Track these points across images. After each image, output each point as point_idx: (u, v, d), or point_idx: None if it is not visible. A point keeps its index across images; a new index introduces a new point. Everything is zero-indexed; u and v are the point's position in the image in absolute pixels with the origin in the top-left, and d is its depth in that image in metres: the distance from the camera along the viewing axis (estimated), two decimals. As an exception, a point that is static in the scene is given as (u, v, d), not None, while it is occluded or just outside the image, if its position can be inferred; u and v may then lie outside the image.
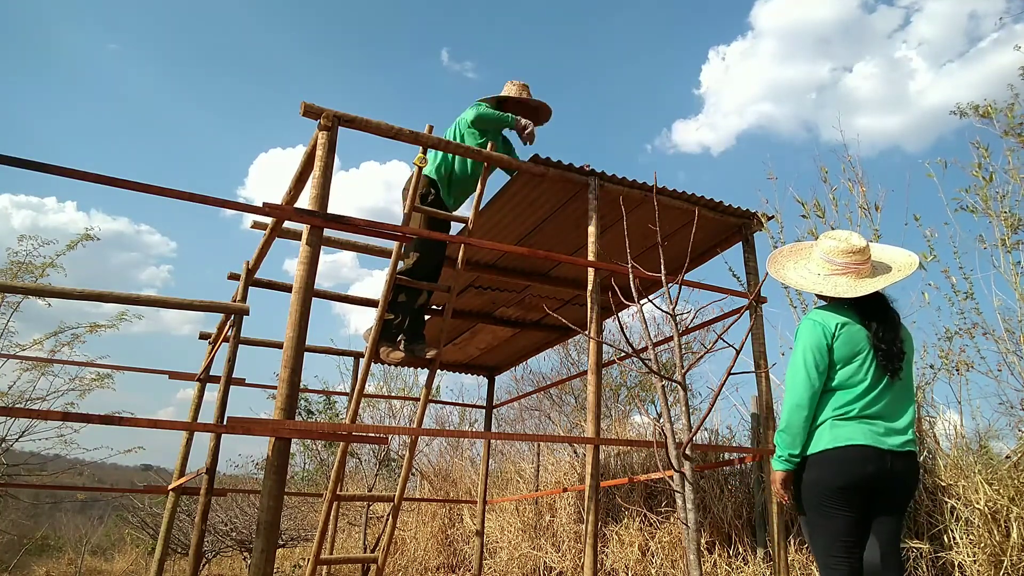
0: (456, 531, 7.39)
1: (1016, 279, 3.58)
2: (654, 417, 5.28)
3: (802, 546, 3.98)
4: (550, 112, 4.04)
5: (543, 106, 4.00)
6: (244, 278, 4.38)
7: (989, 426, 3.84)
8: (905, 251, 2.56)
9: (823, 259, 2.46)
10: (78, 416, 4.13)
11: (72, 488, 10.27)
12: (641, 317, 2.48)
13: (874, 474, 2.18)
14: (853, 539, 2.20)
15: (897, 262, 2.49)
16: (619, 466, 6.08)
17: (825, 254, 2.45)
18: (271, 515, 2.33)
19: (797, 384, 2.29)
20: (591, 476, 2.99)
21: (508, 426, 10.08)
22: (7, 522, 13.03)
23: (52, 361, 7.91)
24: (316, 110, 2.79)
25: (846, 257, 2.41)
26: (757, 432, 4.25)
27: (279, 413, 2.40)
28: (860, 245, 2.42)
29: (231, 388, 4.19)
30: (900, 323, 2.41)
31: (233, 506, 9.02)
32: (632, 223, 3.65)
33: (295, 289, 2.55)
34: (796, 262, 2.60)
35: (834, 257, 2.43)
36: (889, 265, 2.47)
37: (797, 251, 2.66)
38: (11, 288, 4.83)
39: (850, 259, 2.40)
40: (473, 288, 4.84)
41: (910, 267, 2.45)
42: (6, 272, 8.24)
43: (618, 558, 5.08)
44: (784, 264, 2.61)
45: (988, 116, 3.95)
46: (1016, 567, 3.11)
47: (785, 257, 2.64)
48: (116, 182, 2.42)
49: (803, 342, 2.33)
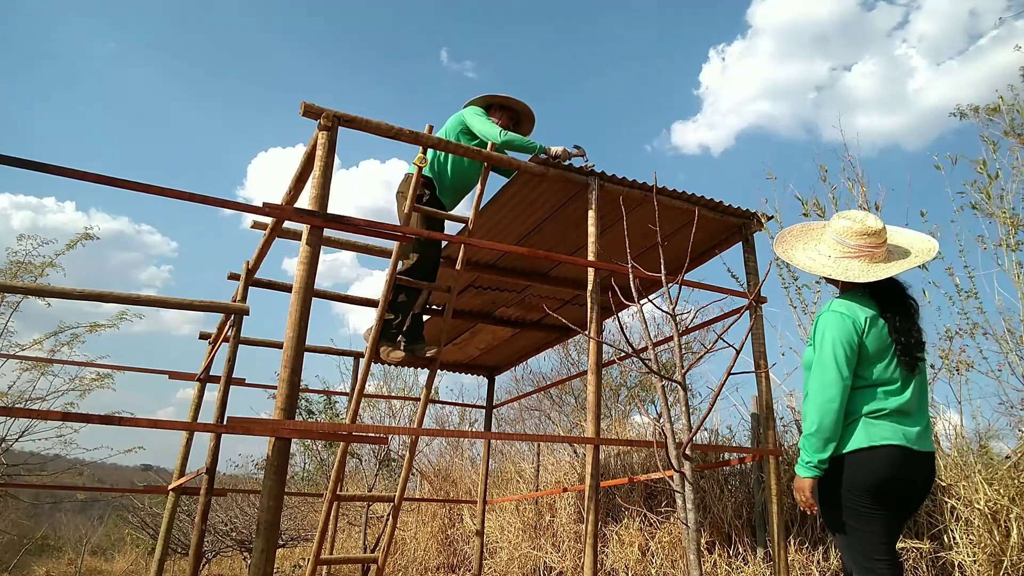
0: (456, 531, 7.39)
1: (1019, 278, 3.58)
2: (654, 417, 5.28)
3: (802, 546, 3.98)
4: (534, 118, 4.03)
5: (527, 110, 3.98)
6: (244, 278, 4.38)
7: (989, 426, 3.84)
8: (924, 235, 2.39)
9: (835, 240, 2.29)
10: (78, 416, 4.13)
11: (72, 488, 10.27)
12: (641, 317, 2.47)
13: (905, 476, 2.10)
14: (893, 539, 2.11)
15: (915, 247, 2.32)
16: (619, 466, 6.08)
17: (838, 235, 2.29)
18: (271, 515, 2.32)
19: (828, 381, 2.11)
20: (591, 476, 2.98)
21: (508, 426, 10.08)
22: (7, 522, 13.04)
23: (52, 361, 7.92)
24: (316, 110, 2.78)
25: (860, 239, 2.24)
26: (757, 432, 4.25)
27: (279, 413, 2.40)
28: (876, 227, 2.25)
29: (231, 388, 4.19)
30: (917, 311, 2.27)
31: (233, 506, 9.02)
32: (632, 223, 3.64)
33: (295, 289, 2.55)
34: (806, 243, 2.44)
35: (847, 239, 2.26)
36: (907, 249, 2.30)
37: (807, 231, 2.50)
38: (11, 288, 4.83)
39: (865, 241, 2.24)
40: (473, 288, 4.84)
41: (928, 252, 2.29)
42: (6, 272, 8.24)
43: (618, 558, 5.08)
44: (793, 245, 2.46)
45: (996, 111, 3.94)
46: (1016, 567, 3.11)
47: (795, 238, 2.48)
48: (116, 182, 2.42)
49: (832, 336, 2.14)
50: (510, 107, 3.97)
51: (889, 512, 2.11)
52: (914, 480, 2.13)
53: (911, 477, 2.12)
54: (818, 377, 2.15)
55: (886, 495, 2.09)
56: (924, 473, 2.16)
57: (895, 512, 2.13)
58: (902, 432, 2.11)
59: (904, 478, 2.10)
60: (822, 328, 2.21)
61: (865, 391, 2.16)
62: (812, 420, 2.13)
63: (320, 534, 3.44)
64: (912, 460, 2.10)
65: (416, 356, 3.68)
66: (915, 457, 2.11)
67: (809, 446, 2.14)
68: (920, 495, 2.19)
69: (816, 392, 2.14)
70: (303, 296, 2.53)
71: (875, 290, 2.24)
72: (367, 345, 3.52)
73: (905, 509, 2.18)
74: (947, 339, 3.80)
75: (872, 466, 2.09)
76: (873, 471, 2.09)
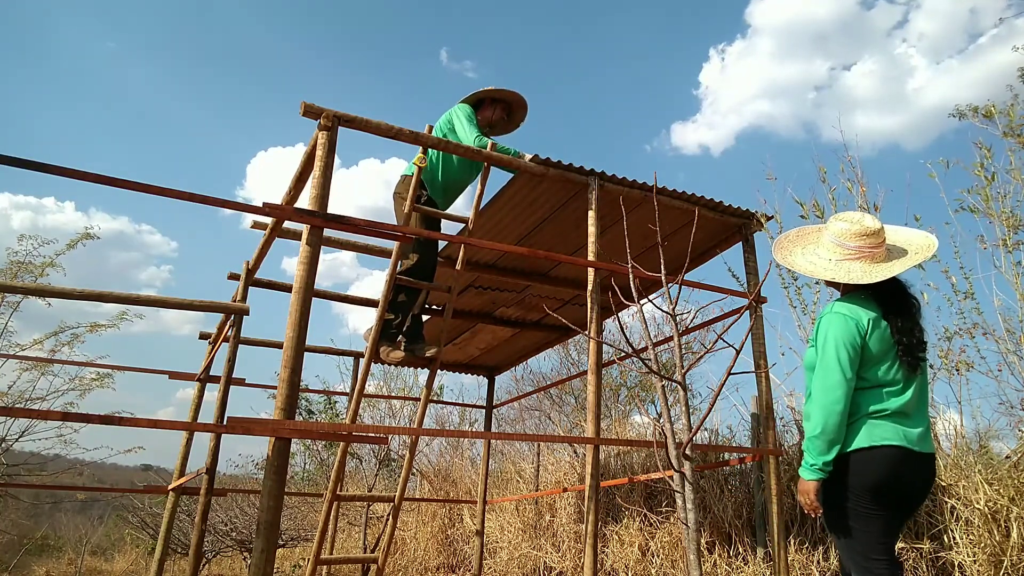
0: (456, 531, 7.39)
1: (1017, 279, 3.58)
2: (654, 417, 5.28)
3: (802, 546, 3.98)
4: (526, 106, 4.06)
5: (519, 99, 4.01)
6: (244, 278, 4.38)
7: (989, 426, 3.85)
8: (922, 232, 2.39)
9: (834, 243, 2.29)
10: (78, 416, 4.13)
11: (72, 488, 10.26)
12: (641, 317, 2.47)
13: (905, 476, 2.09)
14: (892, 540, 2.11)
15: (914, 244, 2.31)
16: (619, 466, 6.08)
17: (836, 238, 2.29)
18: (271, 515, 2.32)
19: (832, 383, 2.10)
20: (591, 476, 2.98)
21: (508, 426, 10.08)
22: (7, 522, 13.04)
23: (52, 361, 7.91)
24: (316, 110, 2.78)
25: (860, 240, 2.24)
26: (757, 432, 4.25)
27: (279, 413, 2.40)
28: (874, 227, 2.25)
29: (231, 388, 4.19)
30: (919, 310, 2.26)
31: (233, 506, 9.02)
32: (632, 223, 3.64)
33: (295, 289, 2.55)
34: (804, 247, 2.43)
35: (846, 241, 2.26)
36: (905, 248, 2.30)
37: (804, 235, 2.49)
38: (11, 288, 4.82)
39: (864, 242, 2.24)
40: (473, 288, 4.84)
41: (928, 249, 2.28)
42: (6, 272, 8.24)
43: (618, 558, 5.08)
44: (791, 250, 2.44)
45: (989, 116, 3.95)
46: (1016, 567, 3.11)
47: (792, 242, 2.48)
48: (116, 182, 2.42)
49: (835, 337, 2.14)
50: (503, 99, 3.99)
51: (888, 512, 2.10)
52: (914, 481, 2.13)
53: (911, 478, 2.11)
54: (822, 379, 2.14)
55: (886, 495, 2.09)
56: (924, 474, 2.15)
57: (895, 512, 2.13)
58: (903, 433, 2.11)
59: (904, 479, 2.10)
60: (824, 330, 2.20)
61: (866, 392, 2.16)
62: (816, 422, 2.11)
63: (320, 534, 3.44)
64: (912, 461, 2.10)
65: (416, 356, 3.68)
66: (915, 458, 2.11)
67: (814, 448, 2.13)
68: (920, 496, 2.18)
69: (820, 394, 2.13)
70: (303, 296, 2.53)
71: (877, 290, 2.24)
72: (367, 345, 3.52)
73: (905, 510, 2.17)
74: (946, 339, 3.81)
75: (872, 466, 2.09)
76: (873, 471, 2.08)
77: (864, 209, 4.07)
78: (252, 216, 4.01)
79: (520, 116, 4.12)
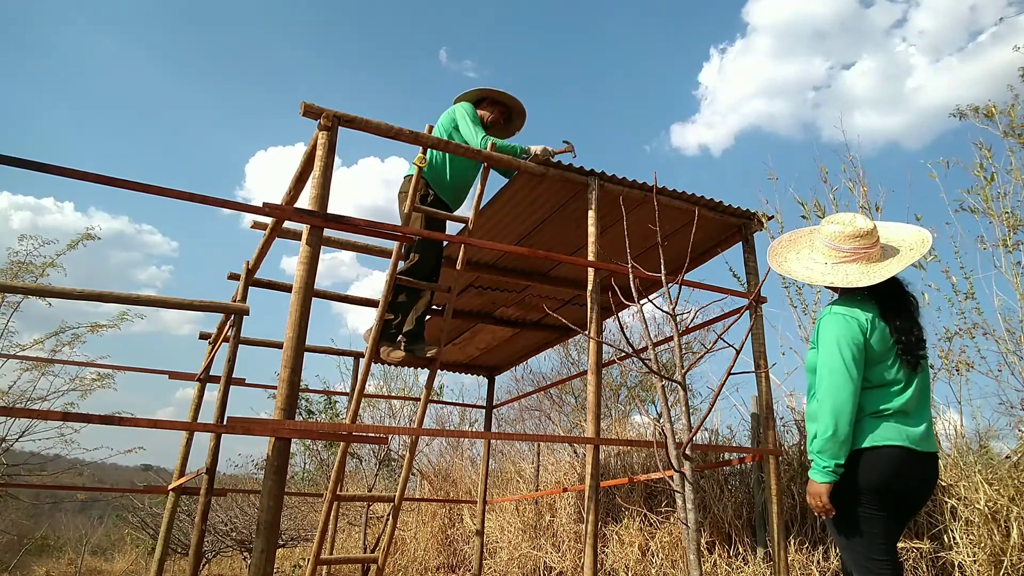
0: (456, 531, 7.39)
1: (1017, 279, 3.58)
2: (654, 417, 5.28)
3: (802, 546, 3.98)
4: (525, 114, 4.05)
5: (519, 106, 4.00)
6: (244, 278, 4.38)
7: (989, 426, 3.85)
8: (915, 227, 2.36)
9: (828, 247, 2.27)
10: (78, 416, 4.13)
11: (72, 488, 10.26)
12: (641, 317, 2.47)
13: (908, 477, 2.08)
14: (893, 540, 2.10)
15: (907, 241, 2.29)
16: (619, 466, 6.08)
17: (830, 241, 2.26)
18: (271, 515, 2.32)
19: (839, 384, 2.07)
20: (591, 476, 2.98)
21: (508, 426, 10.08)
22: (7, 522, 13.05)
23: (52, 361, 7.91)
24: (316, 110, 2.78)
25: (853, 242, 2.22)
26: (757, 432, 4.25)
27: (279, 413, 2.40)
28: (867, 227, 2.22)
29: (231, 388, 4.19)
30: (917, 309, 2.24)
31: (233, 506, 9.02)
32: (632, 223, 3.64)
33: (295, 289, 2.55)
34: (798, 252, 2.41)
35: (840, 243, 2.24)
36: (897, 247, 2.28)
37: (797, 240, 2.46)
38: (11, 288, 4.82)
39: (858, 244, 2.22)
40: (473, 288, 4.84)
41: (923, 245, 2.26)
42: (6, 272, 8.25)
43: (618, 558, 5.08)
44: (786, 256, 2.42)
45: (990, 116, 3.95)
46: (1016, 567, 3.11)
47: (785, 248, 2.45)
48: (116, 182, 2.42)
49: (838, 337, 2.11)
50: (503, 102, 3.97)
51: (890, 513, 2.10)
52: (916, 481, 2.12)
53: (913, 478, 2.11)
54: (828, 381, 2.11)
55: (888, 496, 2.08)
56: (927, 474, 2.14)
57: (897, 513, 2.12)
58: (905, 433, 2.10)
59: (906, 479, 2.09)
60: (826, 331, 2.18)
61: (868, 392, 2.15)
62: (827, 424, 2.08)
63: (320, 534, 3.44)
64: (915, 461, 2.09)
65: (416, 356, 3.68)
66: (918, 458, 2.10)
67: (826, 450, 2.09)
68: (922, 496, 2.17)
69: (828, 396, 2.10)
70: (303, 296, 2.53)
71: (875, 290, 2.22)
72: (367, 345, 3.52)
73: (907, 510, 2.16)
74: (947, 340, 3.81)
75: (874, 467, 2.08)
76: (875, 472, 2.07)
77: (866, 209, 4.06)
78: (252, 216, 4.01)
79: (518, 124, 4.09)
